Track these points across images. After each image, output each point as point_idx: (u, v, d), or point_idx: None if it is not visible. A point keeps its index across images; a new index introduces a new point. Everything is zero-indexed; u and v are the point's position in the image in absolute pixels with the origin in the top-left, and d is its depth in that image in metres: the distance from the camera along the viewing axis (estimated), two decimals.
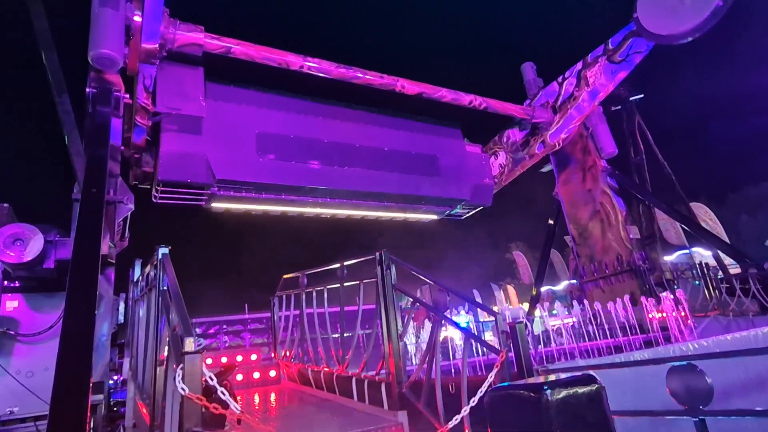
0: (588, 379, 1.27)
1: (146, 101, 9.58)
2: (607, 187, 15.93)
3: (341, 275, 6.71)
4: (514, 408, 1.31)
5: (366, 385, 5.79)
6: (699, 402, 3.58)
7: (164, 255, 4.62)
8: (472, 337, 5.46)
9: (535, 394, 1.24)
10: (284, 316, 8.30)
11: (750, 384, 7.06)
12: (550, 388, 1.22)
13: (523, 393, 1.29)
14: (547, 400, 1.20)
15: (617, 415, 4.21)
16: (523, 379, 3.45)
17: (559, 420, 1.20)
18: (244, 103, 11.67)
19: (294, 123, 12.16)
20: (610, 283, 15.23)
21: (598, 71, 13.63)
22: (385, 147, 13.19)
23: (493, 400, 1.42)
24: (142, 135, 10.13)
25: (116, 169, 8.57)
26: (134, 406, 6.62)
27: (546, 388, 1.22)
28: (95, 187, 6.85)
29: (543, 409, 1.20)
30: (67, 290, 4.93)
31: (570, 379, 1.24)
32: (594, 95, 13.83)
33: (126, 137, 10.09)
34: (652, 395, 4.80)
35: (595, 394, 1.25)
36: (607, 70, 13.43)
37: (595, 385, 1.27)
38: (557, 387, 1.21)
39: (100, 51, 8.56)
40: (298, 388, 8.07)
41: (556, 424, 1.20)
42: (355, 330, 6.33)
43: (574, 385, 1.23)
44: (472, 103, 13.28)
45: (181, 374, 2.90)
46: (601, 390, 1.27)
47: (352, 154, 12.66)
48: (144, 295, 6.07)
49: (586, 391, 1.24)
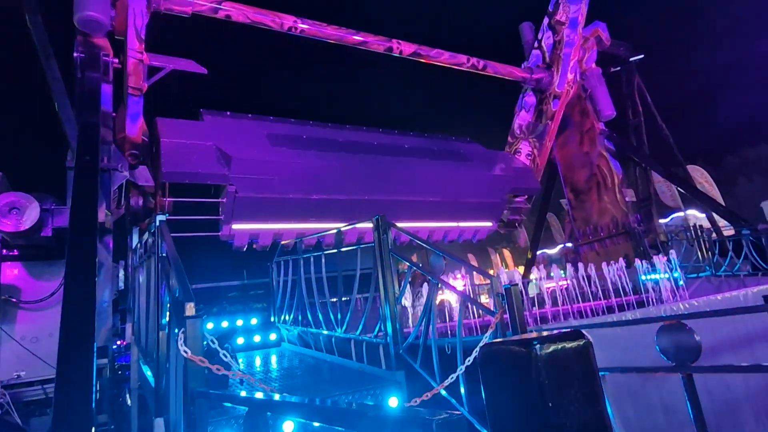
0: (576, 335, 1.32)
1: (139, 53, 9.10)
2: (605, 150, 15.86)
3: (338, 240, 6.77)
4: (504, 362, 1.36)
5: (364, 346, 5.93)
6: (687, 358, 3.69)
7: (161, 222, 4.64)
8: (468, 300, 5.56)
9: (524, 348, 1.28)
10: (282, 281, 8.41)
11: (738, 342, 7.27)
12: (539, 342, 1.26)
13: (513, 348, 1.33)
14: (536, 354, 1.25)
15: (609, 371, 4.36)
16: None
17: (548, 373, 1.24)
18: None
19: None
20: (605, 245, 15.38)
21: (563, 7, 14.51)
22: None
23: (484, 356, 1.47)
24: (138, 118, 9.48)
25: (109, 136, 8.46)
26: (138, 369, 6.79)
27: (535, 343, 1.27)
28: (89, 155, 6.80)
29: (532, 363, 1.24)
30: (66, 258, 4.97)
31: (558, 335, 1.29)
32: (574, 24, 14.52)
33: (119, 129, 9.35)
34: (643, 353, 4.95)
35: (582, 348, 1.30)
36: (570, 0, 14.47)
37: (582, 339, 1.31)
38: (546, 342, 1.26)
39: (85, 13, 8.33)
40: (298, 350, 8.26)
41: (544, 377, 1.25)
42: (353, 294, 6.44)
43: (563, 340, 1.28)
44: (471, 63, 13.08)
45: (183, 338, 2.97)
46: (588, 345, 1.31)
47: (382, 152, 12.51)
48: (143, 262, 6.12)
49: (573, 346, 1.29)
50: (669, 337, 3.79)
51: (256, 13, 10.42)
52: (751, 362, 6.59)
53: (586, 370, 1.23)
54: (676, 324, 3.78)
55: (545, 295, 10.23)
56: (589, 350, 1.25)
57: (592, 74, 15.91)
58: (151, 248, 5.22)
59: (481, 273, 5.71)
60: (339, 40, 11.44)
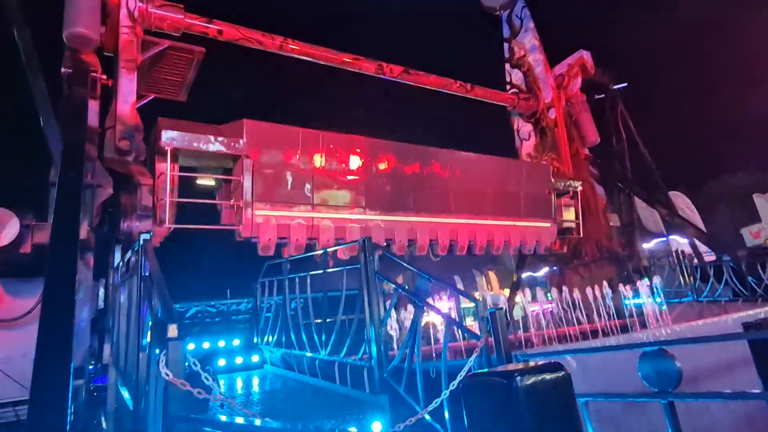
0: (555, 366, 1.34)
1: (131, 28, 8.78)
2: (589, 175, 16.14)
3: (324, 261, 6.73)
4: (487, 393, 1.37)
5: (348, 369, 5.86)
6: (668, 385, 3.71)
7: (145, 240, 4.59)
8: (453, 323, 5.55)
9: (506, 380, 1.29)
10: (267, 301, 8.32)
11: (719, 368, 7.32)
12: (520, 375, 1.28)
13: (495, 380, 1.34)
14: (518, 386, 1.26)
15: (592, 398, 4.36)
16: (501, 365, 3.53)
17: (529, 404, 1.25)
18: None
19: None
20: (590, 269, 15.51)
21: (517, 47, 16.03)
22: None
23: (467, 387, 1.48)
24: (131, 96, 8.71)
25: (94, 152, 8.38)
26: (116, 391, 6.61)
27: (516, 375, 1.28)
28: (73, 171, 6.73)
29: (513, 394, 1.25)
30: (45, 275, 4.88)
31: (539, 367, 1.30)
32: (534, 49, 15.66)
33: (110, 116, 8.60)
34: (625, 379, 4.96)
35: (561, 380, 1.32)
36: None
37: (561, 371, 1.33)
38: (527, 374, 1.27)
39: (75, 29, 8.33)
40: (281, 372, 8.12)
41: (525, 408, 1.26)
42: (338, 315, 6.38)
43: (543, 372, 1.29)
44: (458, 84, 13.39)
45: (164, 359, 2.91)
46: (567, 376, 1.33)
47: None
48: (125, 281, 6.02)
49: (553, 378, 1.31)
50: (651, 363, 3.81)
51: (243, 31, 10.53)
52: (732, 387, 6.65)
53: (566, 402, 1.24)
54: (658, 351, 3.81)
55: (530, 319, 10.25)
56: (568, 382, 1.26)
57: (576, 101, 16.30)
58: (134, 267, 5.14)
59: (465, 296, 5.71)
60: (330, 61, 11.60)
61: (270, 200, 9.31)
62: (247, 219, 9.01)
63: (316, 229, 9.72)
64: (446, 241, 11.58)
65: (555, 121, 15.21)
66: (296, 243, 9.53)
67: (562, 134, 15.30)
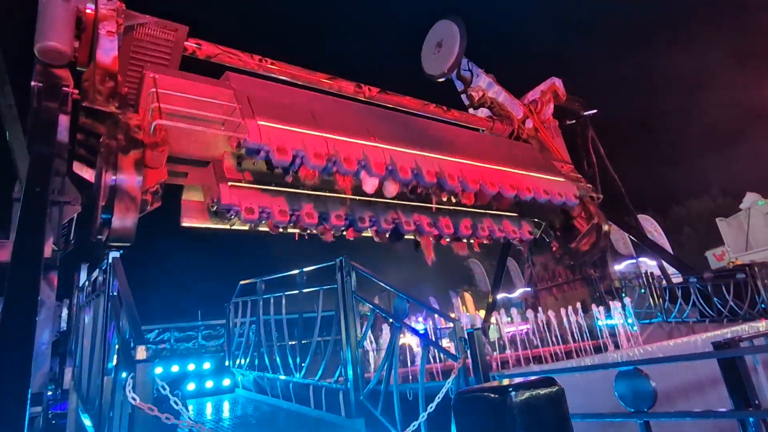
0: (548, 381, 1.32)
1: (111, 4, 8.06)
2: None
3: (300, 281, 6.62)
4: (479, 409, 1.34)
5: (323, 392, 5.72)
6: (644, 405, 3.74)
7: (115, 259, 4.42)
8: (431, 344, 5.50)
9: (499, 395, 1.27)
10: (240, 323, 8.10)
11: (690, 387, 7.45)
12: (514, 390, 1.25)
13: (488, 395, 1.31)
14: (512, 402, 1.23)
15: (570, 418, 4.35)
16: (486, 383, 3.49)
17: (523, 419, 1.23)
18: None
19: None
20: (563, 290, 15.74)
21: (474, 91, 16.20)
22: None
23: (459, 403, 1.44)
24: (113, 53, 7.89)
25: (63, 168, 8.11)
26: (76, 417, 6.28)
27: (510, 390, 1.25)
28: (39, 186, 6.49)
29: (507, 410, 1.23)
30: (5, 295, 4.63)
31: (531, 382, 1.28)
32: (490, 84, 16.02)
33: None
34: (601, 398, 4.98)
35: (554, 395, 1.30)
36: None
37: (555, 386, 1.31)
38: (520, 389, 1.25)
39: (47, 43, 8.13)
40: (253, 396, 7.88)
41: (519, 424, 1.23)
42: (314, 337, 6.26)
43: (536, 387, 1.27)
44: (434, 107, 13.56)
45: (132, 383, 2.77)
46: (561, 391, 1.31)
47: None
48: (91, 301, 5.78)
49: (547, 392, 1.29)
50: (626, 383, 3.84)
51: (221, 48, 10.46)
52: (702, 406, 6.75)
53: (560, 416, 1.22)
54: (633, 371, 3.84)
55: (505, 340, 10.27)
56: (561, 396, 1.25)
57: (549, 126, 16.74)
58: (101, 286, 4.95)
59: (443, 316, 5.69)
60: (309, 81, 11.62)
61: (274, 117, 7.91)
62: (253, 128, 7.45)
63: (332, 144, 8.25)
64: (455, 181, 9.62)
65: (535, 127, 15.55)
66: (315, 154, 7.90)
67: (545, 135, 15.65)
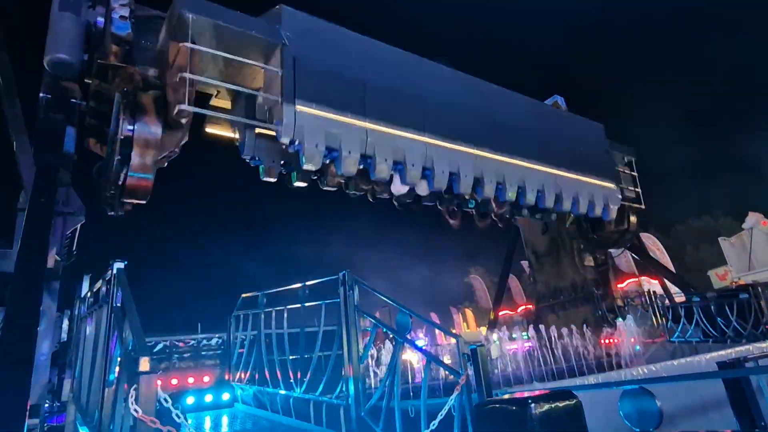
0: (567, 395, 1.32)
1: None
2: None
3: (302, 295, 6.60)
4: (499, 421, 1.33)
5: (324, 408, 5.66)
6: (650, 425, 3.70)
7: (119, 270, 4.42)
8: (434, 360, 5.45)
9: (520, 408, 1.27)
10: (241, 336, 8.06)
11: (693, 408, 7.35)
12: (534, 402, 1.25)
13: (509, 407, 1.32)
14: (532, 414, 1.24)
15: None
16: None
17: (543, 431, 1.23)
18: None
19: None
20: (565, 308, 15.65)
21: None
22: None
23: (479, 414, 1.44)
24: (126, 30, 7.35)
25: (67, 178, 8.17)
26: (74, 430, 6.21)
27: (531, 402, 1.26)
28: (44, 197, 6.53)
29: (528, 422, 1.23)
30: (6, 305, 4.63)
31: (550, 394, 1.28)
32: None
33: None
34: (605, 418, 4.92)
35: (573, 407, 1.30)
36: None
37: (573, 399, 1.32)
38: (540, 401, 1.25)
39: (57, 56, 8.24)
40: (253, 411, 7.80)
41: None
42: (315, 351, 6.22)
43: (555, 399, 1.27)
44: None
45: (134, 395, 2.75)
46: (579, 404, 1.31)
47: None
48: (93, 312, 5.76)
49: (565, 405, 1.29)
50: (632, 402, 3.80)
51: None
52: (706, 427, 6.66)
53: (579, 428, 1.22)
54: (639, 390, 3.81)
55: (507, 357, 10.19)
56: (580, 409, 1.24)
57: None
58: (104, 297, 4.94)
59: (445, 332, 5.66)
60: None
61: (316, 100, 7.31)
62: (289, 117, 6.95)
63: (371, 146, 7.82)
64: (514, 189, 9.52)
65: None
66: (349, 157, 7.58)
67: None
